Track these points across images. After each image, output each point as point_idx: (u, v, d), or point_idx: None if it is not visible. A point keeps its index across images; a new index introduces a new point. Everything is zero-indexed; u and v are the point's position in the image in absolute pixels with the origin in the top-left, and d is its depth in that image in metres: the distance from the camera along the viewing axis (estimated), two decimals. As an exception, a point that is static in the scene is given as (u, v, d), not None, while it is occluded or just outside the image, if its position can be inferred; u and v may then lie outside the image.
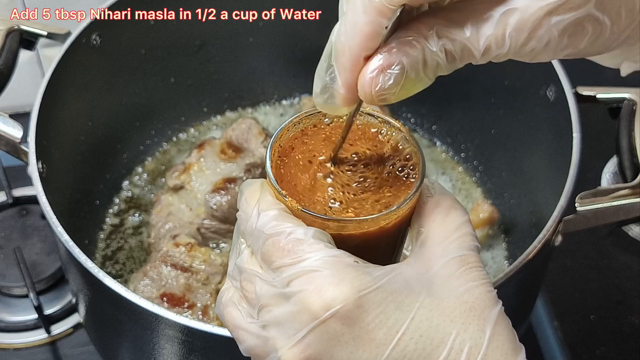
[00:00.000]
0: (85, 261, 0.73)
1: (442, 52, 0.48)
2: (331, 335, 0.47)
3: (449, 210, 0.52)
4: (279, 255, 0.49)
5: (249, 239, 0.51)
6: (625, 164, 1.07)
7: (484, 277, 0.50)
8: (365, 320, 0.47)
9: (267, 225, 0.50)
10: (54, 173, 0.84)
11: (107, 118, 1.02)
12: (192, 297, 0.87)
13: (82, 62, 0.92)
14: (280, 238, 0.49)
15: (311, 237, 0.49)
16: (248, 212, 0.51)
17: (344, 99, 0.50)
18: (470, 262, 0.50)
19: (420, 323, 0.48)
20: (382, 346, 0.47)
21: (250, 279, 0.51)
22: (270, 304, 0.49)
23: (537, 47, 0.48)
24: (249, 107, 1.16)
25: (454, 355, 0.47)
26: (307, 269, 0.48)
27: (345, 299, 0.47)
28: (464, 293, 0.49)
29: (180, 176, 0.99)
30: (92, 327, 0.88)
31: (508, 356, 0.48)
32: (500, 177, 1.06)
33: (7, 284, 1.00)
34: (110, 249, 1.00)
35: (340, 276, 0.47)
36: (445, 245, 0.51)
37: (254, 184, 0.52)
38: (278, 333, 0.49)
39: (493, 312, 0.49)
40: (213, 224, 0.96)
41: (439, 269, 0.50)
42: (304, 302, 0.47)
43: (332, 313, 0.47)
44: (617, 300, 1.03)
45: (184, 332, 0.70)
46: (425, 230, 0.51)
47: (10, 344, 0.98)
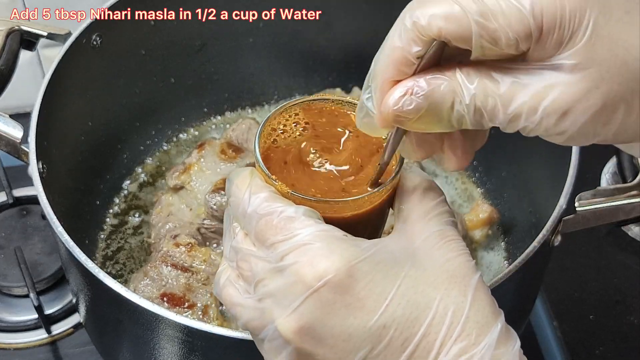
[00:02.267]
0: (85, 261, 0.73)
1: (472, 104, 0.49)
2: (324, 304, 0.50)
3: (425, 190, 0.55)
4: (272, 233, 0.52)
5: (242, 221, 0.54)
6: (625, 164, 1.08)
7: (462, 248, 0.54)
8: (356, 289, 0.50)
9: (259, 206, 0.53)
10: (55, 173, 0.84)
11: (107, 118, 1.02)
12: (192, 297, 0.87)
13: (82, 62, 0.92)
14: (272, 217, 0.52)
15: (302, 215, 0.52)
16: (240, 196, 0.54)
17: (377, 119, 0.52)
18: (449, 235, 0.54)
19: (406, 290, 0.51)
20: (372, 312, 0.50)
21: (246, 257, 0.53)
22: (265, 278, 0.52)
23: (570, 130, 0.49)
24: (249, 107, 1.16)
25: (439, 318, 0.51)
26: (299, 243, 0.51)
27: (336, 269, 0.50)
28: (445, 263, 0.52)
29: (180, 176, 0.99)
30: (93, 327, 0.88)
31: (489, 318, 0.52)
32: (500, 177, 1.06)
33: (8, 284, 1.01)
34: (110, 249, 1.00)
35: (331, 248, 0.50)
36: (425, 221, 0.54)
37: (244, 171, 0.55)
38: (274, 304, 0.51)
39: (473, 279, 0.52)
40: (213, 224, 0.96)
41: (421, 242, 0.53)
42: (297, 273, 0.50)
43: (325, 282, 0.50)
44: (616, 300, 1.03)
45: (184, 332, 0.70)
46: (406, 209, 0.55)
47: (11, 343, 0.99)
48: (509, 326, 0.53)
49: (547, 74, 0.48)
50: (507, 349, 0.52)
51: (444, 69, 0.50)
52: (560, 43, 0.47)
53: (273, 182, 0.54)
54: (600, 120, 0.49)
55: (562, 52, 0.48)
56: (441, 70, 0.50)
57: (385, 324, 0.50)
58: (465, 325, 0.51)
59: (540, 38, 0.47)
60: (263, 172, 0.55)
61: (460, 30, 0.47)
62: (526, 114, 0.49)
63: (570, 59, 0.47)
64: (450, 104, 0.49)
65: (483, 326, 0.51)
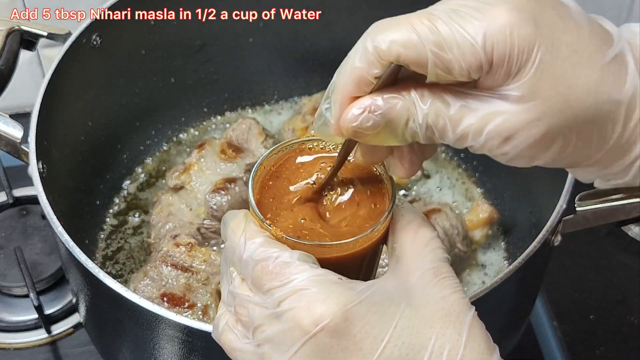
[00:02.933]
0: (85, 261, 0.73)
1: (424, 123, 0.52)
2: (321, 348, 0.51)
3: (418, 228, 0.56)
4: (268, 279, 0.53)
5: (238, 266, 0.55)
6: (625, 164, 1.07)
7: (456, 285, 0.55)
8: (352, 332, 0.51)
9: (254, 252, 0.54)
10: (54, 173, 0.84)
11: (107, 118, 1.02)
12: (192, 297, 0.87)
13: (82, 62, 0.92)
14: (268, 263, 0.53)
15: (297, 260, 0.53)
16: (235, 241, 0.55)
17: (334, 129, 0.55)
18: (443, 272, 0.55)
19: (402, 331, 0.51)
20: (369, 355, 0.51)
21: (243, 303, 0.54)
22: (263, 324, 0.53)
23: (512, 153, 0.54)
24: (249, 107, 1.16)
25: (435, 357, 0.51)
26: (295, 288, 0.52)
27: (332, 313, 0.50)
28: (440, 300, 0.53)
29: (180, 176, 0.99)
30: (92, 327, 0.88)
31: (484, 355, 0.52)
32: (500, 177, 1.06)
33: (8, 284, 1.01)
34: (110, 249, 1.00)
35: (327, 293, 0.51)
36: (419, 259, 0.55)
37: (238, 215, 0.56)
38: (272, 350, 0.52)
39: (468, 316, 0.53)
40: (213, 224, 0.96)
41: (415, 280, 0.54)
42: (294, 319, 0.51)
43: (322, 327, 0.50)
44: (616, 300, 1.03)
45: (184, 332, 0.70)
46: (399, 247, 0.56)
47: (11, 343, 0.99)
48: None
49: (494, 102, 0.51)
50: None
51: (400, 89, 0.52)
52: (508, 75, 0.51)
53: (267, 227, 0.55)
54: (540, 148, 0.53)
55: (509, 83, 0.51)
56: (398, 89, 0.52)
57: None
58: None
59: (490, 70, 0.50)
60: (257, 217, 0.55)
61: (417, 58, 0.50)
62: (472, 135, 0.53)
63: (516, 91, 0.51)
64: (405, 121, 0.52)
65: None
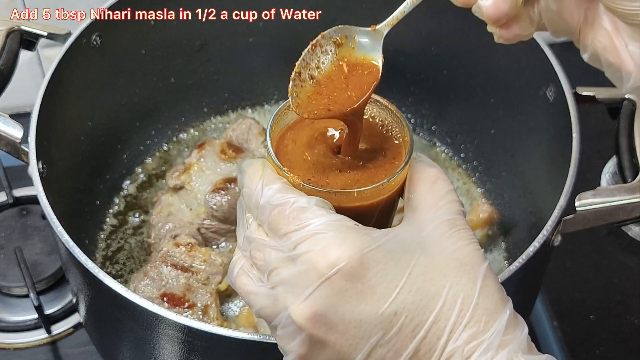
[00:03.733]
0: (85, 261, 0.73)
1: None
2: (336, 291, 0.51)
3: (435, 180, 0.57)
4: (285, 223, 0.53)
5: (255, 211, 0.55)
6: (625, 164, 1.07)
7: (471, 237, 0.55)
8: (367, 277, 0.51)
9: (272, 197, 0.54)
10: (54, 173, 0.84)
11: (107, 118, 1.02)
12: (192, 297, 0.87)
13: (82, 62, 0.92)
14: (285, 207, 0.53)
15: (314, 205, 0.53)
16: (252, 187, 0.55)
17: None
18: (458, 224, 0.55)
19: (416, 277, 0.52)
20: (383, 299, 0.51)
21: (259, 247, 0.55)
22: (278, 267, 0.53)
23: None
24: (249, 107, 1.16)
25: (449, 305, 0.52)
26: (311, 232, 0.52)
27: (348, 257, 0.51)
28: (455, 251, 0.54)
29: (180, 176, 0.99)
30: (92, 327, 0.88)
31: (498, 305, 0.53)
32: (500, 177, 1.06)
33: (8, 284, 1.01)
34: (110, 249, 1.00)
35: (343, 237, 0.52)
36: (434, 210, 0.55)
37: (255, 162, 0.57)
38: (287, 292, 0.53)
39: (482, 267, 0.54)
40: (213, 224, 0.96)
41: (430, 231, 0.54)
42: (310, 262, 0.51)
43: (337, 270, 0.51)
44: (616, 300, 1.03)
45: (184, 332, 0.70)
46: (415, 198, 0.56)
47: (11, 344, 0.99)
48: (517, 313, 0.54)
49: None
50: (515, 335, 0.53)
51: None
52: None
53: (285, 173, 0.55)
54: None
55: None
56: None
57: (396, 311, 0.51)
58: (474, 312, 0.52)
59: None
60: (275, 164, 0.55)
61: None
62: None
63: None
64: None
65: (492, 313, 0.52)
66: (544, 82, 0.90)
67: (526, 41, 0.62)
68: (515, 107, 0.99)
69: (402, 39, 1.06)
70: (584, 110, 0.85)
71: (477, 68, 1.03)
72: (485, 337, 0.52)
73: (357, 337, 0.52)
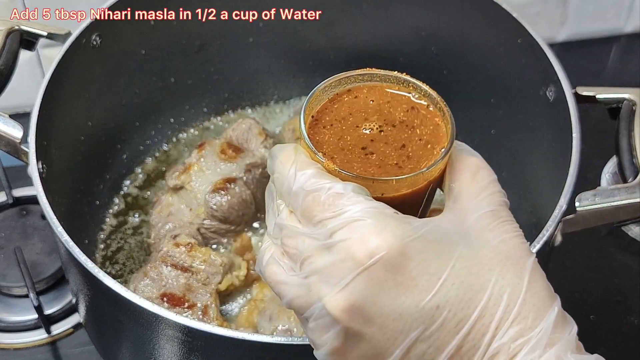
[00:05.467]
0: (85, 261, 0.73)
1: None
2: (375, 282, 0.49)
3: (477, 169, 0.55)
4: (320, 210, 0.50)
5: (287, 198, 0.53)
6: (625, 164, 1.07)
7: (516, 230, 0.53)
8: (408, 268, 0.49)
9: (305, 183, 0.51)
10: (54, 173, 0.84)
11: (107, 118, 1.02)
12: (192, 297, 0.87)
13: (82, 62, 0.92)
14: (320, 193, 0.51)
15: (351, 191, 0.50)
16: (284, 173, 0.53)
17: None
18: (502, 216, 0.53)
19: (460, 270, 0.49)
20: (425, 292, 0.49)
21: (291, 234, 0.52)
22: (312, 256, 0.50)
23: None
24: (249, 107, 1.16)
25: (495, 300, 0.49)
26: (349, 219, 0.49)
27: (388, 246, 0.48)
28: (499, 244, 0.51)
29: (180, 176, 0.99)
30: (92, 327, 0.88)
31: (545, 302, 0.51)
32: (500, 177, 1.04)
33: (7, 284, 1.00)
34: (110, 249, 1.00)
35: (383, 225, 0.49)
36: (476, 201, 0.53)
37: (287, 147, 0.54)
38: (321, 282, 0.50)
39: (529, 261, 0.51)
40: (213, 224, 0.96)
41: (473, 222, 0.52)
42: (348, 250, 0.49)
43: (376, 260, 0.48)
44: (616, 300, 1.03)
45: (184, 332, 0.70)
46: (457, 187, 0.54)
47: (10, 344, 0.98)
48: (565, 312, 0.52)
49: None
50: (563, 333, 0.51)
51: None
52: None
53: (319, 158, 0.53)
54: None
55: None
56: None
57: (438, 305, 0.49)
58: (521, 308, 0.50)
59: None
60: (309, 149, 0.53)
61: None
62: None
63: None
64: None
65: (540, 309, 0.50)
66: (544, 82, 0.90)
67: (526, 41, 0.62)
68: (515, 107, 0.99)
69: (402, 39, 1.06)
70: (584, 110, 0.85)
71: (477, 68, 1.03)
72: (532, 334, 0.49)
73: (396, 332, 0.49)
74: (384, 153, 0.55)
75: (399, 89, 0.58)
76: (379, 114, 0.57)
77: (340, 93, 0.57)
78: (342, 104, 0.57)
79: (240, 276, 0.91)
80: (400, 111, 0.57)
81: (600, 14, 1.30)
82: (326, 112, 0.57)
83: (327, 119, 0.56)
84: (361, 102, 0.57)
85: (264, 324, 0.86)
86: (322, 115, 0.56)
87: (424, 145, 0.55)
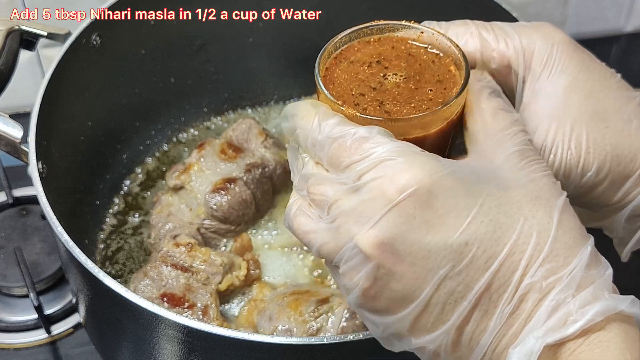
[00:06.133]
0: (85, 261, 0.73)
1: None
2: (405, 219, 0.49)
3: (495, 111, 0.54)
4: (347, 155, 0.51)
5: (312, 149, 0.53)
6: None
7: (545, 169, 0.52)
8: (436, 205, 0.49)
9: (330, 131, 0.52)
10: (54, 173, 0.84)
11: (107, 118, 1.02)
12: (192, 297, 0.87)
13: (82, 62, 0.92)
14: (346, 139, 0.51)
15: (376, 134, 0.51)
16: (308, 126, 0.53)
17: None
18: (529, 155, 0.52)
19: (489, 209, 0.49)
20: (453, 229, 0.49)
21: (318, 182, 0.52)
22: (340, 199, 0.51)
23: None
24: (249, 107, 1.16)
25: (524, 238, 0.49)
26: (377, 159, 0.50)
27: (419, 181, 0.49)
28: (529, 183, 0.51)
29: (180, 176, 0.99)
30: (92, 327, 0.88)
31: (577, 240, 0.50)
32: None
33: (7, 284, 1.01)
34: (110, 249, 1.00)
35: (411, 162, 0.49)
36: (501, 141, 0.53)
37: (303, 104, 0.55)
38: (351, 223, 0.50)
39: (559, 200, 0.51)
40: (213, 224, 0.96)
41: (500, 162, 0.52)
42: (378, 188, 0.49)
43: (407, 195, 0.48)
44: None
45: (184, 332, 0.70)
46: (477, 129, 0.54)
47: (10, 344, 0.99)
48: (599, 253, 0.51)
49: None
50: (599, 271, 0.50)
51: None
52: None
53: (340, 107, 0.53)
54: None
55: None
56: None
57: (467, 241, 0.49)
58: (552, 247, 0.49)
59: None
60: (329, 100, 0.54)
61: None
62: None
63: None
64: None
65: (572, 247, 0.50)
66: (544, 82, 0.90)
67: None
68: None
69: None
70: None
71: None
72: (564, 272, 0.49)
73: (425, 269, 0.49)
74: (400, 99, 0.55)
75: (408, 37, 0.59)
76: (389, 62, 0.58)
77: (354, 44, 0.59)
78: (354, 56, 0.58)
79: (240, 276, 0.91)
80: (413, 58, 0.58)
81: (600, 14, 1.30)
82: (339, 61, 0.58)
83: (342, 69, 0.58)
84: (373, 53, 0.58)
85: (263, 324, 0.86)
86: (337, 66, 0.58)
87: (441, 86, 0.56)
